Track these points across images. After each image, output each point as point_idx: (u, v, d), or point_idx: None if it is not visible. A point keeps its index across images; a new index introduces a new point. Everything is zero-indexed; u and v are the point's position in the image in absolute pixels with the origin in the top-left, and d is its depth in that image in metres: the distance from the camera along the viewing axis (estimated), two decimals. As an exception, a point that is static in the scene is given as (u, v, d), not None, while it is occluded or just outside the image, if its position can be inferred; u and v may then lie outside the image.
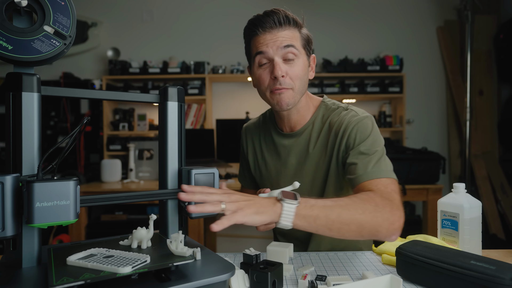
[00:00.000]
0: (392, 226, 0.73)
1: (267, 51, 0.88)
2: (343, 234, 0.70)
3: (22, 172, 0.60)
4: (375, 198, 0.74)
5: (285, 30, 0.89)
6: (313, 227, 0.68)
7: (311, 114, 1.00)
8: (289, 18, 0.90)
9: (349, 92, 2.89)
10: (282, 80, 0.88)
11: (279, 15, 0.89)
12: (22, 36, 0.60)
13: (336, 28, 3.15)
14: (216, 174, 0.74)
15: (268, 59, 0.89)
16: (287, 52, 0.88)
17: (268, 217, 0.65)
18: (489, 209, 2.82)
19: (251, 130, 1.12)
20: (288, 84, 0.89)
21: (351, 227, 0.69)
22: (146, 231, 0.68)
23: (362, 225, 0.70)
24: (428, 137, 3.13)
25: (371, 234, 0.72)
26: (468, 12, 2.48)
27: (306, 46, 0.93)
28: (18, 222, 0.56)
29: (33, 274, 0.59)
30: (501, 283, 0.58)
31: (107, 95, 0.71)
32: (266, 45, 0.88)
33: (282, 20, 0.88)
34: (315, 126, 0.98)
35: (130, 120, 2.94)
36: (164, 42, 3.14)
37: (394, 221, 0.73)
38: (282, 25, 0.89)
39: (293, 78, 0.89)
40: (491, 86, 3.08)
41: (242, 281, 0.65)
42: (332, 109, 0.98)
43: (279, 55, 0.88)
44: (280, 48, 0.88)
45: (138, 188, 2.46)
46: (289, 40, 0.89)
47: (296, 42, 0.90)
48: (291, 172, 1.01)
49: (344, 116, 0.94)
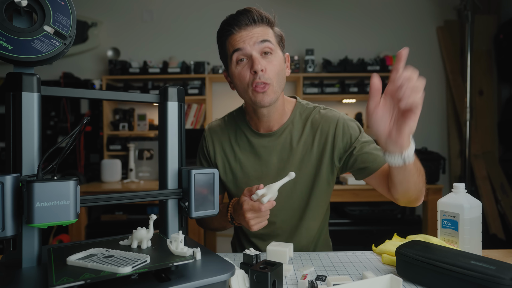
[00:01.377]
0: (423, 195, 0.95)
1: (244, 47, 0.90)
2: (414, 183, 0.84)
3: (22, 172, 0.60)
4: None
5: (259, 27, 0.91)
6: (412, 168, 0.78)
7: (288, 113, 1.02)
8: (262, 16, 0.92)
9: (349, 92, 2.89)
10: (262, 75, 0.88)
11: (253, 13, 0.91)
12: (22, 36, 0.60)
13: (336, 28, 3.15)
14: (216, 174, 0.74)
15: (246, 55, 0.90)
16: (264, 47, 0.90)
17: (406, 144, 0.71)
18: (489, 209, 2.82)
19: (217, 132, 1.07)
20: (268, 79, 0.89)
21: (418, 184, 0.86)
22: (146, 231, 0.68)
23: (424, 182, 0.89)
24: (428, 137, 3.13)
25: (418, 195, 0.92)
26: (468, 12, 2.48)
27: (280, 43, 0.96)
28: (18, 222, 0.56)
29: (33, 274, 0.59)
30: (501, 283, 0.58)
31: (107, 95, 0.71)
32: (243, 41, 0.90)
33: (256, 18, 0.91)
34: (295, 125, 1.00)
35: (130, 120, 2.94)
36: (164, 42, 3.14)
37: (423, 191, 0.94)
38: (256, 22, 0.91)
39: (271, 73, 0.90)
40: (491, 86, 3.08)
41: (242, 281, 0.65)
42: (309, 108, 1.03)
43: (256, 50, 0.90)
44: (257, 43, 0.89)
45: (138, 188, 2.46)
46: (265, 35, 0.91)
47: (271, 38, 0.92)
48: (274, 171, 1.01)
49: (325, 114, 1.01)
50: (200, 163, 1.10)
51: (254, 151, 1.02)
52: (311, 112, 1.02)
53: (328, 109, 1.03)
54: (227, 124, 1.08)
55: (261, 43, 0.89)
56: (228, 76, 0.98)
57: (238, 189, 1.05)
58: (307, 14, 3.13)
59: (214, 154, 1.06)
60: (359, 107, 3.12)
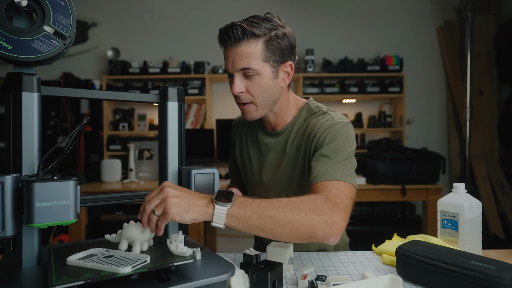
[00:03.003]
0: (329, 228, 0.71)
1: (228, 68, 0.90)
2: (277, 236, 0.70)
3: (22, 172, 0.60)
4: (316, 199, 0.74)
5: (243, 46, 0.86)
6: (246, 228, 0.69)
7: (293, 115, 1.01)
8: (246, 31, 0.85)
9: (349, 92, 2.89)
10: (241, 96, 0.90)
11: (235, 30, 0.85)
12: (22, 36, 0.60)
13: (336, 28, 3.15)
14: (216, 174, 0.74)
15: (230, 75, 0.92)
16: (244, 72, 0.88)
17: (200, 216, 0.66)
18: (489, 209, 2.82)
19: (240, 125, 1.15)
20: (247, 99, 0.91)
21: (284, 229, 0.69)
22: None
23: (296, 227, 0.69)
24: (428, 137, 3.13)
25: (307, 236, 0.71)
26: (468, 12, 2.48)
27: (271, 57, 0.89)
28: (18, 222, 0.56)
29: (33, 274, 0.59)
30: (501, 283, 0.58)
31: (107, 95, 0.71)
32: (228, 62, 0.90)
33: (238, 36, 0.85)
34: (295, 127, 0.99)
35: (130, 120, 2.94)
36: (164, 42, 3.14)
37: (333, 223, 0.71)
38: (239, 40, 0.86)
39: (253, 93, 0.90)
40: (491, 86, 3.08)
41: (242, 281, 0.65)
42: (314, 112, 0.99)
43: (238, 72, 0.89)
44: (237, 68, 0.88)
45: (138, 188, 2.46)
46: (246, 61, 0.86)
47: (254, 60, 0.87)
48: (270, 169, 1.04)
49: (319, 120, 0.94)
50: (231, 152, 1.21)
51: (259, 146, 1.06)
52: (312, 115, 0.99)
53: (328, 115, 0.95)
54: None
55: (241, 70, 0.88)
56: None
57: (247, 179, 1.12)
58: (307, 14, 3.13)
59: (235, 144, 1.15)
60: (359, 107, 3.12)
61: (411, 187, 2.38)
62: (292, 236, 0.70)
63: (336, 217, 0.72)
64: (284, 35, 0.90)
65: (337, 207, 0.73)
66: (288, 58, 0.92)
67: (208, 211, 0.66)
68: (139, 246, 0.64)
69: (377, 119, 3.03)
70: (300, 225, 0.69)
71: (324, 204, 0.72)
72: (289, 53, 0.92)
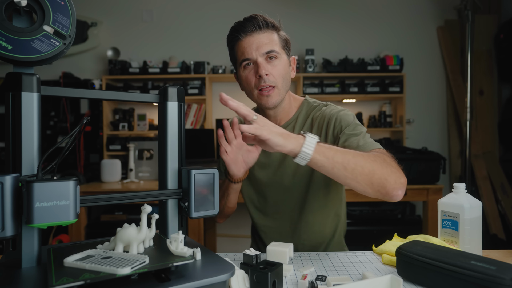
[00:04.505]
0: (399, 180, 0.78)
1: (250, 55, 0.96)
2: (356, 177, 0.75)
3: (22, 172, 0.60)
4: (383, 155, 0.81)
5: (265, 33, 0.97)
6: (329, 163, 0.73)
7: (294, 111, 1.08)
8: (267, 22, 0.97)
9: (349, 92, 2.88)
10: (266, 78, 0.95)
11: (258, 20, 0.96)
12: (22, 36, 0.60)
13: (336, 28, 3.15)
14: (216, 174, 0.74)
15: (252, 61, 0.97)
16: (269, 55, 0.96)
17: (291, 144, 0.71)
18: (490, 209, 2.81)
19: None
20: (272, 82, 0.96)
21: (364, 170, 0.75)
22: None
23: (374, 171, 0.76)
24: (428, 137, 3.13)
25: (381, 183, 0.76)
26: (468, 12, 2.48)
27: (285, 47, 1.01)
28: (18, 222, 0.56)
29: (33, 274, 0.59)
30: (502, 283, 0.58)
31: (107, 95, 0.71)
32: (249, 48, 0.96)
33: (261, 24, 0.96)
34: (299, 121, 1.06)
35: (130, 120, 2.94)
36: (164, 42, 3.14)
37: (401, 177, 0.79)
38: (261, 28, 0.96)
39: (276, 76, 0.97)
40: (491, 86, 3.08)
41: (242, 281, 0.65)
42: (314, 106, 1.07)
43: (261, 56, 0.96)
44: (262, 51, 0.96)
45: (138, 188, 2.46)
46: (270, 45, 0.96)
47: (276, 45, 0.97)
48: (275, 164, 1.08)
49: (325, 111, 1.02)
50: None
51: None
52: (314, 109, 1.06)
53: (331, 106, 1.05)
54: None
55: (266, 53, 0.96)
56: (237, 78, 1.05)
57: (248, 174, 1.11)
58: (307, 14, 3.13)
59: None
60: (359, 107, 3.12)
61: (411, 187, 2.38)
62: (368, 180, 0.76)
63: (402, 172, 0.81)
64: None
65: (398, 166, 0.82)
66: (290, 53, 1.04)
67: (299, 140, 0.71)
68: (136, 246, 0.63)
69: (377, 119, 3.03)
70: (377, 170, 0.76)
71: (390, 160, 0.81)
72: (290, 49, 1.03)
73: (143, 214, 0.64)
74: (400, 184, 0.78)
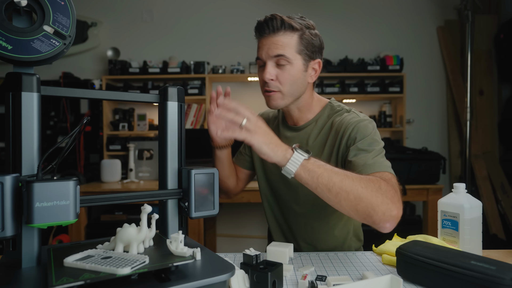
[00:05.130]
0: (389, 212, 0.73)
1: (261, 56, 0.95)
2: (339, 201, 0.72)
3: (22, 172, 0.60)
4: (381, 182, 0.76)
5: (280, 36, 0.92)
6: (313, 183, 0.73)
7: (315, 113, 1.05)
8: (284, 23, 0.91)
9: (349, 92, 2.88)
10: (270, 83, 0.95)
11: (274, 21, 0.91)
12: (22, 36, 0.60)
13: (336, 28, 3.15)
14: (216, 174, 0.74)
15: (263, 62, 0.96)
16: (278, 59, 0.93)
17: (277, 157, 0.73)
18: (490, 209, 2.81)
19: (264, 116, 1.20)
20: (275, 87, 0.95)
21: (349, 196, 0.72)
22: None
23: (361, 198, 0.72)
24: (428, 137, 3.13)
25: (367, 212, 0.72)
26: (468, 12, 2.48)
27: (303, 51, 0.94)
28: (18, 222, 0.56)
29: (33, 274, 0.59)
30: (502, 283, 0.58)
31: (107, 95, 0.71)
32: (262, 49, 0.95)
33: (276, 26, 0.91)
34: (318, 124, 1.03)
35: (130, 120, 2.94)
36: (164, 42, 3.14)
37: (393, 209, 0.73)
38: (277, 30, 0.92)
39: (282, 82, 0.94)
40: (491, 86, 3.08)
41: (242, 281, 0.65)
42: (337, 111, 1.03)
43: (271, 59, 0.94)
44: (272, 54, 0.93)
45: (138, 188, 2.46)
46: (281, 49, 0.92)
47: (289, 49, 0.92)
48: None
49: (345, 117, 0.98)
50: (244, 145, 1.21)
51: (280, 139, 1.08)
52: (335, 113, 1.02)
53: (353, 113, 1.00)
54: (276, 112, 1.18)
55: (275, 57, 0.93)
56: None
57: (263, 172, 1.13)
58: (307, 14, 3.12)
59: None
60: (359, 107, 3.12)
61: (411, 187, 2.38)
62: (352, 207, 0.72)
63: (397, 204, 0.74)
64: (316, 34, 0.97)
65: (397, 194, 0.76)
66: (317, 55, 0.98)
67: (286, 155, 0.72)
68: (136, 246, 0.63)
69: (377, 119, 3.03)
70: (364, 198, 0.72)
71: (387, 188, 0.75)
72: (318, 51, 0.98)
73: (143, 214, 0.64)
74: (390, 217, 0.73)
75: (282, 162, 0.72)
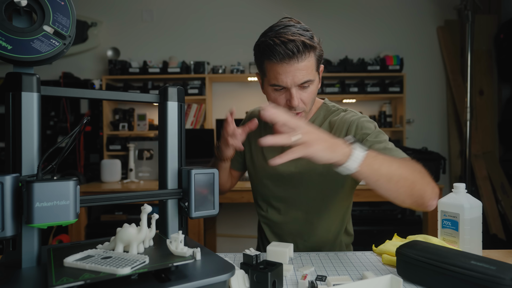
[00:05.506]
0: (435, 190, 0.79)
1: (285, 84, 0.89)
2: (398, 189, 0.73)
3: (22, 172, 0.60)
4: (420, 167, 0.81)
5: (303, 60, 0.87)
6: (375, 175, 0.71)
7: (312, 113, 1.06)
8: (306, 45, 0.85)
9: (349, 92, 2.88)
10: (298, 107, 0.91)
11: (296, 45, 0.84)
12: (22, 36, 0.60)
13: (336, 28, 3.15)
14: (216, 174, 0.74)
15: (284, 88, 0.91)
16: (304, 84, 0.90)
17: (337, 156, 0.67)
18: (490, 209, 2.81)
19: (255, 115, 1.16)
20: (302, 108, 0.93)
21: (407, 182, 0.74)
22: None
23: (415, 183, 0.75)
24: (428, 137, 3.13)
25: (420, 194, 0.76)
26: (468, 11, 2.48)
27: (318, 65, 0.93)
28: (18, 222, 0.56)
29: (32, 274, 0.59)
30: (502, 283, 0.58)
31: (107, 95, 0.71)
32: (284, 76, 0.87)
33: (299, 49, 0.85)
34: (315, 125, 1.03)
35: (130, 120, 2.94)
36: (164, 42, 3.14)
37: (435, 186, 0.79)
38: (299, 54, 0.85)
39: (306, 102, 0.93)
40: (491, 86, 3.08)
41: (242, 281, 0.65)
42: (332, 111, 1.05)
43: (296, 86, 0.89)
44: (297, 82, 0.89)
45: (138, 188, 2.46)
46: (306, 75, 0.88)
47: (312, 71, 0.89)
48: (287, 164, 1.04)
49: (344, 116, 0.99)
50: None
51: None
52: (332, 113, 1.04)
53: (351, 112, 1.02)
54: None
55: (302, 83, 0.89)
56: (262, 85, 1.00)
57: (256, 174, 1.12)
58: (307, 14, 3.13)
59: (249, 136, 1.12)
60: (359, 107, 3.12)
61: (411, 187, 2.38)
62: (409, 191, 0.75)
63: (435, 183, 0.81)
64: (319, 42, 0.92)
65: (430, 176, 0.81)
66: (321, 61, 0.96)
67: (346, 152, 0.68)
68: (136, 246, 0.63)
69: (377, 119, 3.03)
70: (417, 182, 0.75)
71: (422, 169, 0.80)
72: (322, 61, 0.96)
73: (143, 214, 0.64)
74: (435, 194, 0.78)
75: (342, 161, 0.68)
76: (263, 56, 0.90)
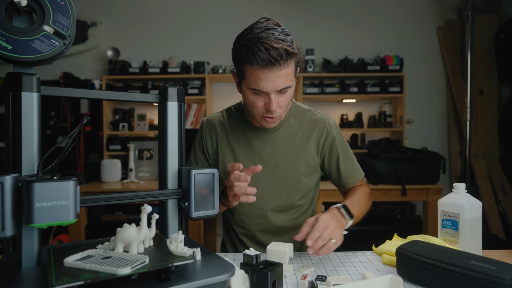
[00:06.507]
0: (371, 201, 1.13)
1: (264, 88, 0.88)
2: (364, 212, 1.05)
3: (22, 172, 0.60)
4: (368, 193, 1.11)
5: (286, 68, 0.87)
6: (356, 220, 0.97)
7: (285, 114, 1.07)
8: (288, 52, 0.85)
9: (349, 92, 2.88)
10: (275, 111, 0.93)
11: (279, 53, 0.84)
12: (22, 36, 0.60)
13: (337, 28, 3.15)
14: (216, 174, 0.74)
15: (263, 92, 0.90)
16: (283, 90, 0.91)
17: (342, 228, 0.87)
18: (490, 209, 2.81)
19: (215, 123, 1.11)
20: (279, 113, 0.95)
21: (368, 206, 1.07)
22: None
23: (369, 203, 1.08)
24: (428, 137, 3.13)
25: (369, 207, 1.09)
26: (468, 11, 2.48)
27: (296, 71, 0.93)
28: (18, 222, 0.56)
29: (32, 274, 0.59)
30: (502, 283, 0.58)
31: (107, 95, 0.71)
32: (265, 82, 0.87)
33: (282, 57, 0.84)
34: (291, 123, 1.08)
35: (130, 120, 2.94)
36: (164, 42, 3.14)
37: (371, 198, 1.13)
38: (282, 62, 0.85)
39: (282, 106, 0.94)
40: (491, 86, 3.08)
41: (242, 281, 0.65)
42: (305, 110, 1.11)
43: (275, 91, 0.89)
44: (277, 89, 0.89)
45: (138, 188, 2.46)
46: (286, 81, 0.88)
47: (291, 77, 0.90)
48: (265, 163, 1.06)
49: (317, 115, 1.09)
50: (194, 153, 1.14)
51: (249, 143, 1.07)
52: (307, 113, 1.10)
53: (322, 113, 1.12)
54: (225, 117, 1.13)
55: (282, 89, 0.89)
56: (239, 85, 0.98)
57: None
58: (307, 14, 3.13)
59: (211, 144, 1.11)
60: (359, 107, 3.12)
61: (412, 187, 2.38)
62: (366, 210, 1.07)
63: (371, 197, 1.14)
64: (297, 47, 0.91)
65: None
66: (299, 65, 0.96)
67: (344, 223, 0.88)
68: (136, 246, 0.63)
69: (377, 119, 3.03)
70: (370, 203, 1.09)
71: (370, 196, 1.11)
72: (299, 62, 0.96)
73: (143, 214, 0.64)
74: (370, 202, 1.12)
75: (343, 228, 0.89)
76: (244, 60, 0.88)
